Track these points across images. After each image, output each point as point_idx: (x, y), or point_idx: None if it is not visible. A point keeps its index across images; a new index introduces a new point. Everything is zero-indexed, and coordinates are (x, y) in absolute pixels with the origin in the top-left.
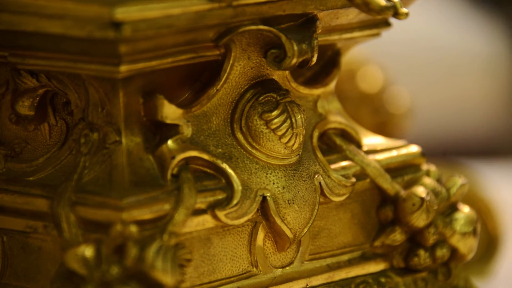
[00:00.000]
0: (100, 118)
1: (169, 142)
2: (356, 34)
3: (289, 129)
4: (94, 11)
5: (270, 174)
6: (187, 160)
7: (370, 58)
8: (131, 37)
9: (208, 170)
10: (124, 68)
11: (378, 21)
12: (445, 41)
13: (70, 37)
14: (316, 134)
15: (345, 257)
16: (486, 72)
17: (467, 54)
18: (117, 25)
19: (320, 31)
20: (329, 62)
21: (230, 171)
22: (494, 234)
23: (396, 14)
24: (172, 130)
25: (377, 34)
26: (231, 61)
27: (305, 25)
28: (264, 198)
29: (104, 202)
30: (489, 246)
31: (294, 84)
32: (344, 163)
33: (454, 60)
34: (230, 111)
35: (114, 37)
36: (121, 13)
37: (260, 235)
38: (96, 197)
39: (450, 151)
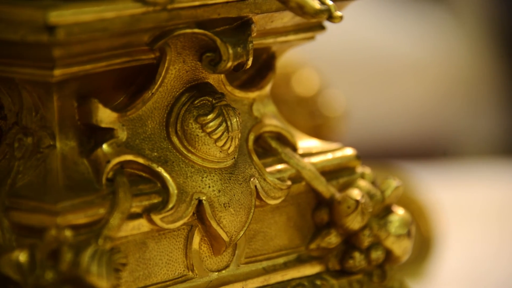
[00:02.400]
0: (34, 122)
1: (104, 146)
2: (291, 37)
3: (225, 133)
4: (28, 15)
5: (206, 177)
6: (122, 164)
7: (306, 61)
8: (65, 40)
9: (144, 174)
10: (58, 72)
11: (313, 24)
12: (380, 44)
13: (3, 41)
14: (251, 137)
15: (281, 260)
16: (420, 75)
17: (402, 57)
18: (50, 28)
19: (255, 34)
20: (264, 66)
21: (165, 174)
22: (427, 236)
23: (331, 18)
24: (107, 134)
25: (312, 38)
26: (166, 65)
27: (240, 28)
28: (200, 201)
29: (39, 207)
30: (422, 248)
31: (229, 88)
32: (279, 166)
33: (389, 63)
34: (165, 115)
35: (48, 41)
36: (55, 16)
37: (196, 238)
38: (30, 201)
39: (384, 154)
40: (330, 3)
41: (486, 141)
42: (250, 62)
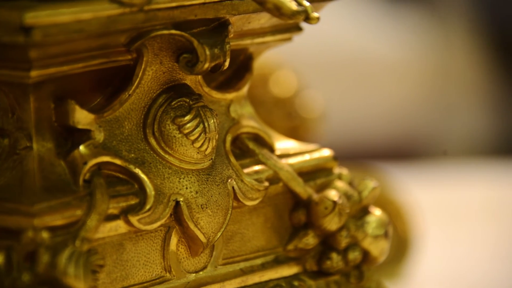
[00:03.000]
0: (11, 123)
1: (81, 147)
2: (268, 38)
3: (202, 134)
4: (3, 16)
5: (183, 179)
6: (100, 166)
7: (283, 62)
8: (42, 42)
9: (121, 175)
10: (34, 73)
11: (290, 25)
12: (358, 45)
13: None
14: (229, 138)
15: (258, 261)
16: (398, 76)
17: (380, 58)
18: (27, 29)
19: (232, 35)
20: (241, 67)
21: (143, 176)
22: (405, 236)
23: (308, 19)
24: (84, 135)
25: (289, 39)
26: (143, 66)
27: (217, 29)
28: (177, 203)
29: (15, 209)
30: (400, 248)
31: (206, 89)
32: (257, 167)
33: (367, 64)
34: (142, 116)
35: (24, 42)
36: (31, 17)
37: (174, 240)
38: (7, 203)
39: (362, 154)
40: (307, 4)
41: (465, 142)
42: (227, 63)
